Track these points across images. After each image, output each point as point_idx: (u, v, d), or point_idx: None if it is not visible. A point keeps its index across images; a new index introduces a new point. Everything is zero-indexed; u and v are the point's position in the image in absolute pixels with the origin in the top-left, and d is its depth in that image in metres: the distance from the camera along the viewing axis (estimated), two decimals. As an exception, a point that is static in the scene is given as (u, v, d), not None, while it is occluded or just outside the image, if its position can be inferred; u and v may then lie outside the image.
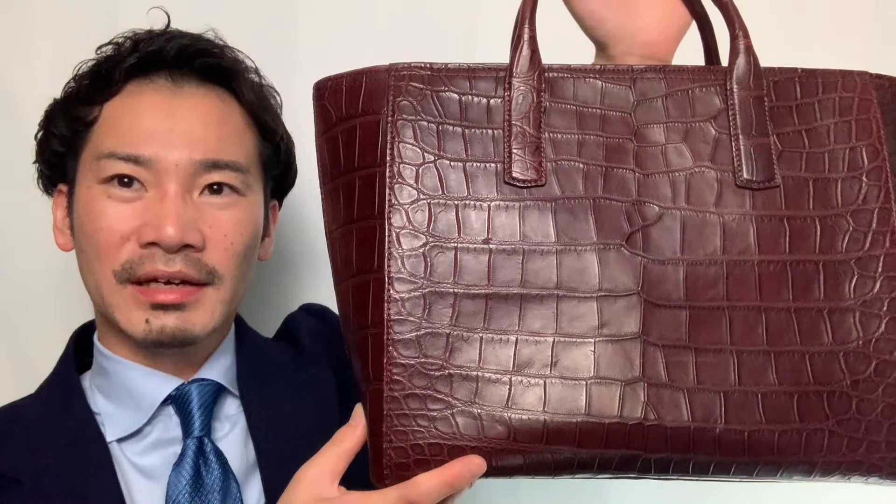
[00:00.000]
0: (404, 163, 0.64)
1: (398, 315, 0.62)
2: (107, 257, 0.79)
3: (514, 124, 0.65)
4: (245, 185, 0.83)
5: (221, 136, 0.82)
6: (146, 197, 0.79)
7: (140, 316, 0.79)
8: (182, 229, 0.78)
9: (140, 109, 0.81)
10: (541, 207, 0.64)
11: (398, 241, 0.63)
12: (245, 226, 0.83)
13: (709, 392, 0.62)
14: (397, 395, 0.62)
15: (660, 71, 0.66)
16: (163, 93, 0.82)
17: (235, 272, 0.82)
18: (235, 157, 0.83)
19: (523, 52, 0.65)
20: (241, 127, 0.85)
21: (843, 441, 0.62)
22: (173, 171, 0.79)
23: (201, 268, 0.80)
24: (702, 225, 0.64)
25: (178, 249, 0.78)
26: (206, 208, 0.81)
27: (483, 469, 0.61)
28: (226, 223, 0.81)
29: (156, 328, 0.79)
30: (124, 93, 0.83)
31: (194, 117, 0.82)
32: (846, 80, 0.67)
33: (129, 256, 0.79)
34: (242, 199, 0.83)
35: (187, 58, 0.84)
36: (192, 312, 0.80)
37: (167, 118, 0.81)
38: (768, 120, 0.66)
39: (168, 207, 0.78)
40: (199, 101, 0.83)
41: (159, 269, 0.78)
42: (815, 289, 0.64)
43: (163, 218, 0.78)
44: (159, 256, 0.78)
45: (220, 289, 0.81)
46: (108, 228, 0.79)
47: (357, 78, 0.65)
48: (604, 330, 0.63)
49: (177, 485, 0.79)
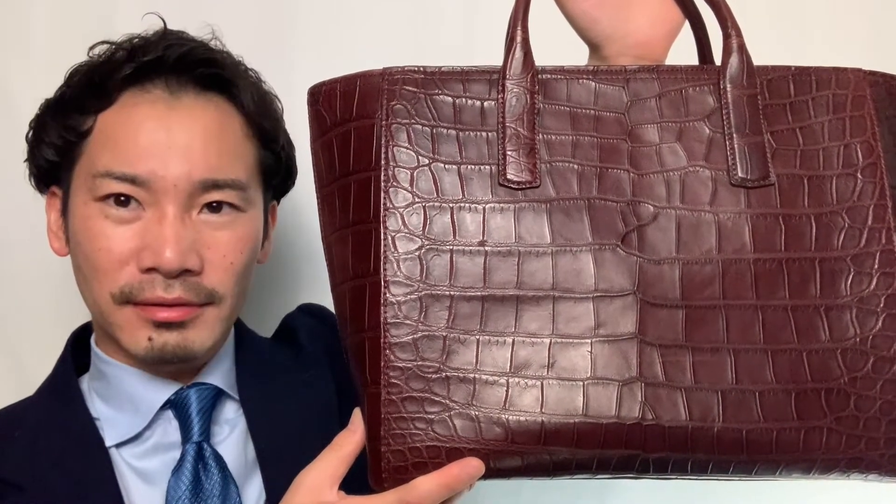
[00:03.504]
0: (399, 166, 0.64)
1: (395, 318, 0.62)
2: (105, 279, 0.78)
3: (508, 126, 0.65)
4: (245, 201, 0.82)
5: (221, 151, 0.80)
6: (144, 217, 0.78)
7: (143, 335, 0.78)
8: (181, 254, 0.77)
9: (136, 123, 0.79)
10: (536, 209, 0.64)
11: (394, 244, 0.63)
12: (245, 243, 0.82)
13: (706, 391, 0.62)
14: (395, 399, 0.62)
15: (653, 71, 0.66)
16: (159, 105, 0.80)
17: (235, 289, 0.82)
18: (236, 174, 0.81)
19: (516, 54, 0.65)
20: (241, 138, 0.83)
21: (842, 438, 0.62)
22: (172, 192, 0.77)
23: (200, 290, 0.79)
24: (697, 224, 0.64)
25: (177, 275, 0.77)
26: (204, 229, 0.79)
27: (481, 471, 0.61)
28: (225, 244, 0.80)
29: (157, 346, 0.78)
30: (119, 103, 0.80)
31: (193, 131, 0.79)
32: (840, 77, 0.67)
33: (129, 280, 0.78)
34: (242, 216, 0.82)
35: (186, 67, 0.82)
36: (193, 330, 0.79)
37: (164, 132, 0.79)
38: (762, 118, 0.66)
39: (167, 231, 0.77)
40: (198, 114, 0.81)
41: (158, 295, 0.77)
42: (812, 286, 0.64)
43: (161, 242, 0.76)
44: (159, 282, 0.77)
45: (220, 307, 0.81)
46: (107, 250, 0.78)
47: (351, 82, 0.66)
48: (600, 330, 0.63)
49: (176, 490, 0.79)
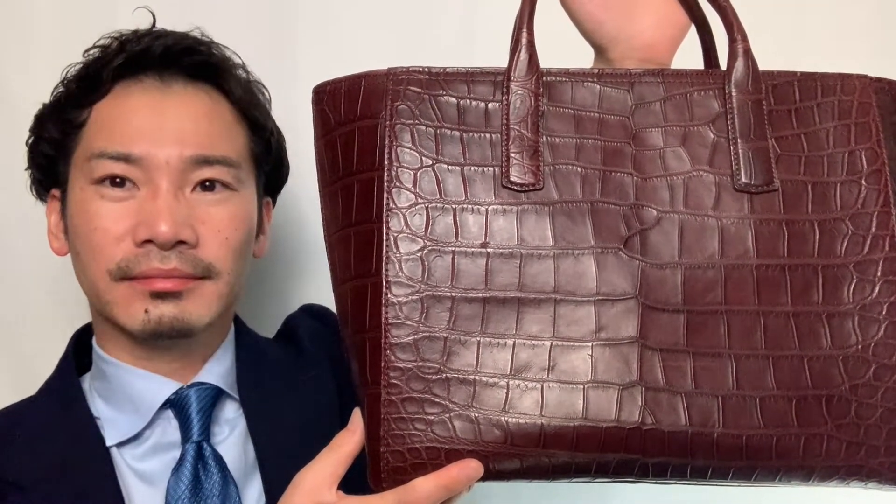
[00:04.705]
0: (402, 167, 0.64)
1: (396, 319, 0.62)
2: (101, 256, 0.80)
3: (513, 128, 0.64)
4: (237, 180, 0.84)
5: (211, 132, 0.83)
6: (138, 196, 0.80)
7: (139, 307, 0.79)
8: (175, 226, 0.78)
9: (129, 109, 0.82)
10: (538, 211, 0.64)
11: (396, 244, 0.63)
12: (239, 220, 0.83)
13: (706, 396, 0.62)
14: (394, 399, 0.62)
15: (658, 74, 0.66)
16: (151, 92, 0.83)
17: (232, 267, 0.83)
18: (226, 152, 0.83)
19: (521, 56, 0.65)
20: (231, 123, 0.86)
21: (842, 445, 0.62)
22: (164, 169, 0.80)
23: (197, 263, 0.80)
24: (700, 229, 0.64)
25: (172, 246, 0.79)
26: (198, 205, 0.81)
27: (480, 473, 0.61)
28: (219, 219, 0.82)
29: (154, 318, 0.79)
30: (113, 94, 0.83)
31: (184, 114, 0.82)
32: (845, 84, 0.67)
33: (125, 255, 0.79)
34: (235, 195, 0.84)
35: (174, 56, 0.84)
36: (189, 302, 0.80)
37: (157, 116, 0.81)
38: (767, 123, 0.66)
39: (160, 205, 0.79)
40: (188, 99, 0.83)
41: (155, 266, 0.78)
42: (814, 293, 0.64)
43: (155, 215, 0.78)
44: (154, 254, 0.79)
45: (217, 282, 0.82)
46: (103, 229, 0.79)
47: (356, 82, 0.66)
48: (601, 334, 0.63)
49: (176, 489, 0.79)
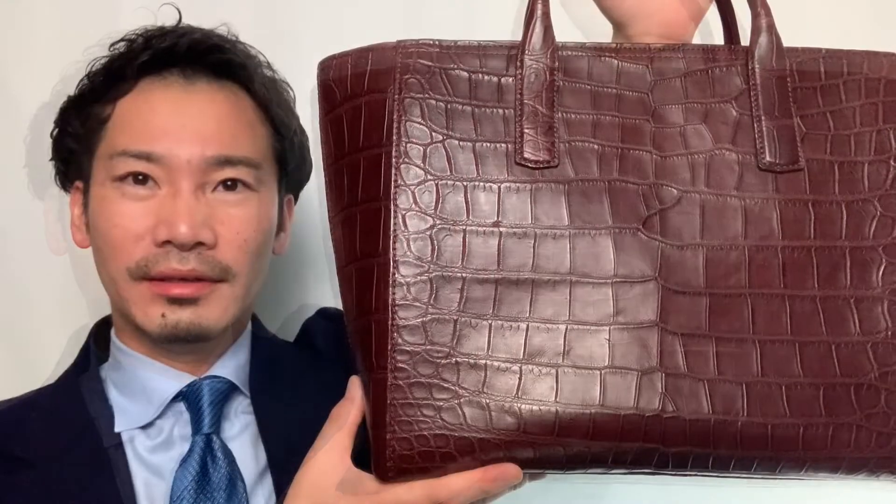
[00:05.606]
0: (411, 142, 0.61)
1: (403, 300, 0.60)
2: (121, 254, 0.80)
3: (526, 103, 0.62)
4: (258, 180, 0.84)
5: (234, 131, 0.83)
6: (159, 195, 0.80)
7: (156, 311, 0.80)
8: (195, 227, 0.78)
9: (152, 106, 0.82)
10: (553, 189, 0.61)
11: (404, 223, 0.61)
12: (259, 222, 0.83)
13: (730, 383, 0.59)
14: (402, 384, 0.59)
15: (678, 50, 0.64)
16: (175, 89, 0.83)
17: (249, 269, 0.83)
18: (248, 152, 0.83)
19: (536, 28, 0.63)
20: (254, 122, 0.85)
21: (872, 436, 0.60)
22: (185, 168, 0.80)
23: (215, 265, 0.80)
24: (722, 209, 0.62)
25: (191, 247, 0.79)
26: (218, 205, 0.81)
27: (519, 479, 0.59)
28: (238, 221, 0.82)
29: (171, 323, 0.79)
30: (137, 90, 0.83)
31: (206, 114, 0.82)
32: (872, 62, 0.65)
33: (144, 254, 0.79)
34: (255, 196, 0.83)
35: (199, 54, 0.84)
36: (206, 307, 0.80)
37: (179, 115, 0.81)
38: (791, 101, 0.63)
39: (181, 205, 0.79)
40: (211, 98, 0.83)
41: (173, 267, 0.79)
42: (842, 276, 0.61)
43: (176, 216, 0.78)
44: (174, 255, 0.79)
45: (234, 286, 0.82)
46: (123, 227, 0.80)
47: (363, 55, 0.63)
48: (619, 317, 0.60)
49: (182, 480, 0.78)
